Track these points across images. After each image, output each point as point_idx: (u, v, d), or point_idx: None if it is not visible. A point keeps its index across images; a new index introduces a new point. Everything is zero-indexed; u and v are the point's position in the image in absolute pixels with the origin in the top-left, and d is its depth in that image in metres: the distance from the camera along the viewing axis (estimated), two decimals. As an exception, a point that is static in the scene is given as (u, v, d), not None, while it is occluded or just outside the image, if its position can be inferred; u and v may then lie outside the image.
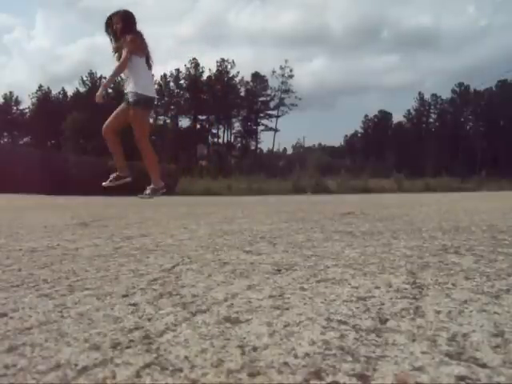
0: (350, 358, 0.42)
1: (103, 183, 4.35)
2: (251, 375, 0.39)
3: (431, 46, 70.43)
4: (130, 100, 4.24)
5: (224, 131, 48.46)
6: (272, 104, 47.68)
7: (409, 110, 52.81)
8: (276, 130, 47.95)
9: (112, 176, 4.31)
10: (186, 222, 1.87)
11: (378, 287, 0.70)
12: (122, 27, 4.21)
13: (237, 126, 49.15)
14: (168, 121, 47.58)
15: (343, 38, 73.66)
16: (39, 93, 47.86)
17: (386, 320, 0.54)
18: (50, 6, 74.45)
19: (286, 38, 71.24)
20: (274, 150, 49.68)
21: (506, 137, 43.41)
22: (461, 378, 0.38)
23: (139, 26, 4.30)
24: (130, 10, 4.37)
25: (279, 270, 0.84)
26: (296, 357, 0.43)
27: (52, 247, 1.18)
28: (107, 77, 4.41)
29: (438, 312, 0.57)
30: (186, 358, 0.43)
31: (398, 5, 79.14)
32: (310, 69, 73.66)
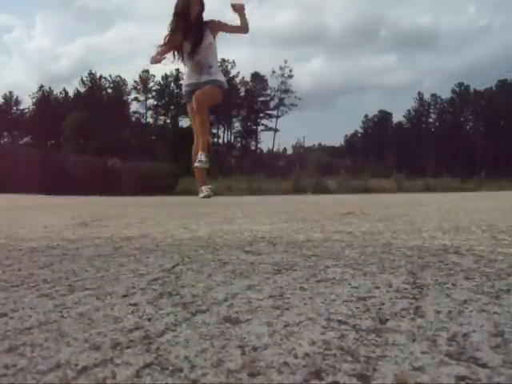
0: (350, 358, 0.42)
1: (200, 195, 4.29)
2: (251, 375, 0.39)
3: (430, 46, 70.51)
4: (219, 85, 4.05)
5: (224, 131, 48.45)
6: (272, 104, 47.70)
7: (409, 110, 52.80)
8: (276, 130, 47.93)
9: (207, 188, 4.24)
10: (186, 222, 1.87)
11: (377, 287, 0.70)
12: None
13: (237, 126, 49.15)
14: (168, 121, 47.58)
15: (341, 37, 73.71)
16: (40, 93, 47.88)
17: (386, 320, 0.53)
18: (50, 6, 74.50)
19: (283, 38, 71.29)
20: (274, 150, 49.67)
21: (506, 137, 43.39)
22: (461, 378, 0.38)
23: (137, 25, 4.17)
24: None
25: (279, 270, 0.84)
26: (296, 357, 0.43)
27: (52, 247, 1.18)
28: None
29: (438, 312, 0.56)
30: (186, 357, 0.43)
31: (396, 4, 79.23)
32: (308, 68, 73.77)
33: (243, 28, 4.10)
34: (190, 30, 3.98)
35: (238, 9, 3.99)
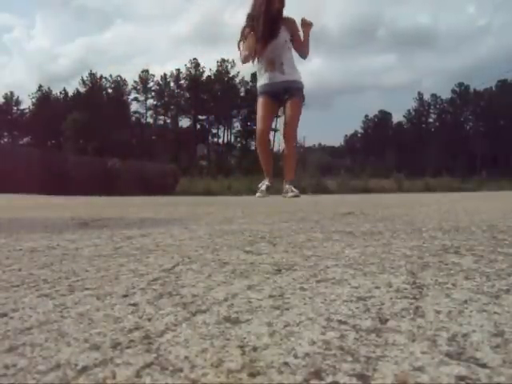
0: (350, 358, 0.42)
1: (257, 195, 4.28)
2: (251, 375, 0.39)
3: (429, 46, 70.62)
4: (298, 89, 4.09)
5: (224, 131, 48.49)
6: (272, 104, 47.67)
7: (409, 110, 52.84)
8: (276, 130, 47.95)
9: (264, 186, 4.21)
10: (186, 222, 1.87)
11: (378, 287, 0.70)
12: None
13: (237, 125, 49.20)
14: (168, 121, 47.60)
15: (340, 37, 73.79)
16: (39, 93, 47.92)
17: (386, 320, 0.53)
18: (49, 6, 74.53)
19: (283, 38, 71.19)
20: (274, 150, 49.71)
21: (506, 137, 43.41)
22: (461, 378, 0.38)
23: (136, 25, 4.19)
24: None
25: (279, 270, 0.84)
26: (296, 357, 0.43)
27: (52, 247, 1.18)
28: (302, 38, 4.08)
29: (438, 312, 0.56)
30: (186, 357, 0.43)
31: (394, 4, 79.22)
32: (308, 68, 73.82)
33: (304, 53, 4.11)
34: (268, 27, 3.90)
35: (305, 26, 4.03)
